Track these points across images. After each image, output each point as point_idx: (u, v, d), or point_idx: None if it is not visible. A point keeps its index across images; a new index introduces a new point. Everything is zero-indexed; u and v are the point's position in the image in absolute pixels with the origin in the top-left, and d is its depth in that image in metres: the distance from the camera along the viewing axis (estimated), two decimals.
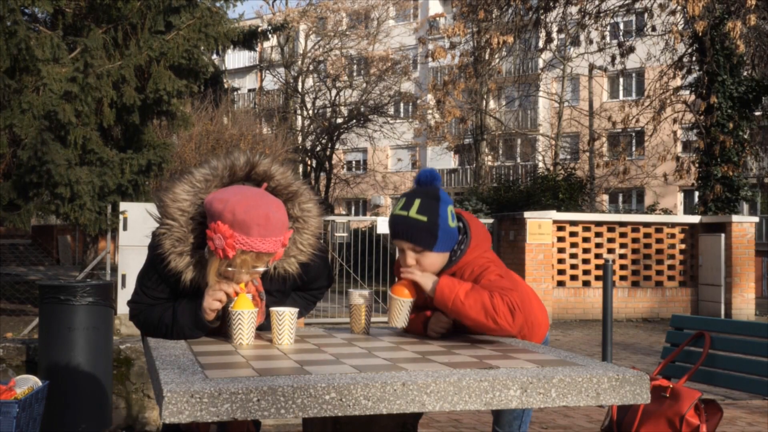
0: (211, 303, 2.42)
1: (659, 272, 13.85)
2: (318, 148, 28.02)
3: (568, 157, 29.35)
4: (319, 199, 2.63)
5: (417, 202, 2.55)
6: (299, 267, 2.54)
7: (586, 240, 13.49)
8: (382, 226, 12.56)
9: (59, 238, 23.83)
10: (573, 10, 17.62)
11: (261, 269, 2.40)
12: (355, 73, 31.21)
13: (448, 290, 2.41)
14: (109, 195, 10.06)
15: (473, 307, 2.37)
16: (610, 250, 13.58)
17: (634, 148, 28.19)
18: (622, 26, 21.47)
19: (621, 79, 28.80)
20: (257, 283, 2.50)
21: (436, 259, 2.54)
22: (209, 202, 2.36)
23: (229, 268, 2.36)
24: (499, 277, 2.51)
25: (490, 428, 5.37)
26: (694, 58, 16.08)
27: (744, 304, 13.48)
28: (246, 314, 2.34)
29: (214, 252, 2.33)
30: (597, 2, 16.57)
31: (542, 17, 16.72)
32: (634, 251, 13.76)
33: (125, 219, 8.66)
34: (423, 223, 2.52)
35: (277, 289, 2.62)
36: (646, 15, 17.15)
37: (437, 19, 30.79)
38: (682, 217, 14.89)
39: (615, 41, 18.58)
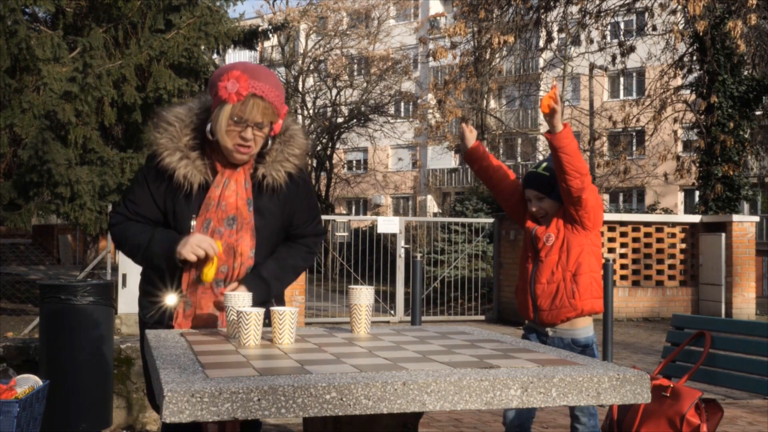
0: (188, 254, 2.60)
1: (660, 272, 13.84)
2: (318, 148, 28.00)
3: None
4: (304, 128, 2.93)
5: (545, 164, 3.49)
6: (287, 177, 2.74)
7: None
8: (383, 226, 12.55)
9: (60, 238, 23.83)
10: (573, 9, 17.60)
11: (265, 130, 2.65)
12: (355, 73, 31.18)
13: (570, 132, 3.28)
14: (109, 194, 10.06)
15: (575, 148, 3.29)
16: (611, 250, 13.58)
17: (634, 148, 28.16)
18: (622, 26, 21.43)
19: (621, 79, 28.78)
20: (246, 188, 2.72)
21: (553, 204, 3.45)
22: (215, 72, 2.65)
23: (242, 115, 2.59)
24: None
25: (491, 428, 5.37)
26: (694, 58, 16.06)
27: (744, 304, 13.47)
28: (253, 315, 2.34)
29: (227, 99, 2.57)
30: (597, 2, 16.55)
31: (543, 17, 16.70)
32: (635, 251, 13.76)
33: None
34: (546, 176, 3.44)
35: (270, 210, 2.76)
36: (646, 14, 17.13)
37: (438, 18, 30.77)
38: (682, 217, 14.87)
39: (615, 41, 18.55)
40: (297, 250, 2.88)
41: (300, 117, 30.27)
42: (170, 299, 2.71)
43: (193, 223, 2.69)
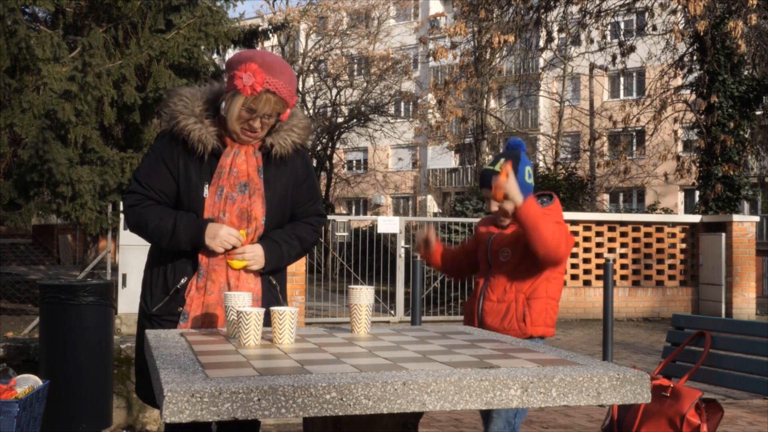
0: (218, 248, 2.74)
1: (660, 272, 13.84)
2: (318, 148, 28.00)
3: (569, 156, 29.32)
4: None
5: (501, 160, 3.19)
6: (293, 147, 2.87)
7: (586, 239, 13.48)
8: (383, 226, 12.55)
9: (60, 238, 23.82)
10: (573, 9, 17.60)
11: (273, 119, 2.77)
12: (355, 73, 31.18)
13: (533, 206, 3.01)
14: (109, 194, 10.06)
15: (548, 226, 2.99)
16: (611, 250, 13.58)
17: (634, 148, 28.15)
18: (622, 25, 21.44)
19: (622, 79, 28.77)
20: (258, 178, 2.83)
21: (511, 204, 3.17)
22: (235, 56, 2.74)
23: (254, 106, 2.70)
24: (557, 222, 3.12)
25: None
26: (694, 58, 16.06)
27: (745, 304, 13.47)
28: (253, 315, 2.33)
29: (241, 90, 2.67)
30: (597, 1, 16.55)
31: (543, 17, 16.69)
32: (635, 251, 13.76)
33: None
34: None
35: (278, 181, 2.86)
36: (646, 14, 17.13)
37: (438, 18, 30.76)
38: (682, 217, 14.87)
39: (616, 40, 18.55)
40: (302, 226, 3.00)
41: None
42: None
43: (206, 190, 2.80)
